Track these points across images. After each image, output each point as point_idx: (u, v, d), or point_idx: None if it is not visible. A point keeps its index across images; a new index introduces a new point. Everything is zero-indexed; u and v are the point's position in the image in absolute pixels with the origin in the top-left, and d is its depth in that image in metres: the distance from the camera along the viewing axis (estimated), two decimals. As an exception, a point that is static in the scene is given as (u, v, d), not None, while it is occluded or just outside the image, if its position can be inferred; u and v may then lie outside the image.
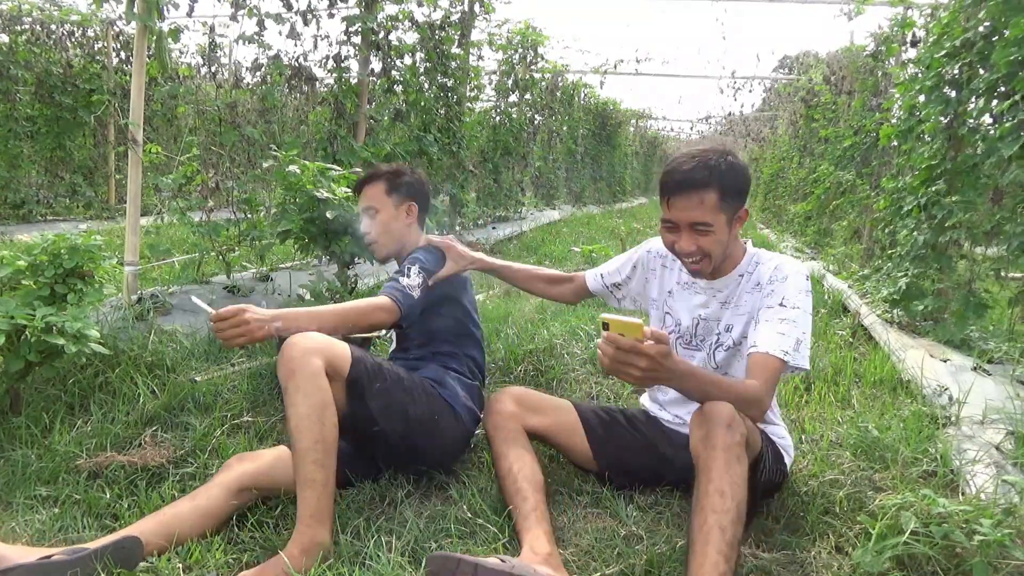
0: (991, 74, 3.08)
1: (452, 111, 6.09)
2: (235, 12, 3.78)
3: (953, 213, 3.46)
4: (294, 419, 1.57)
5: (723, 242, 1.71)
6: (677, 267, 1.95)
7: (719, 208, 1.66)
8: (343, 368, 1.70)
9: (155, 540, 1.54)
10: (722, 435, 1.45)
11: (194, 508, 1.61)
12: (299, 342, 1.64)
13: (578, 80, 11.74)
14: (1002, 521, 1.48)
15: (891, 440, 2.14)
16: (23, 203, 7.00)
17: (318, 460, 1.54)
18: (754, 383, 1.58)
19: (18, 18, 7.07)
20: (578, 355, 3.02)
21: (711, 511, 1.39)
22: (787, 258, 1.81)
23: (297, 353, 1.61)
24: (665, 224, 1.74)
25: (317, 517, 1.52)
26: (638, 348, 1.35)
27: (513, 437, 1.79)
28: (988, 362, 2.97)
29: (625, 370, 1.37)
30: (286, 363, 1.60)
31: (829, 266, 6.10)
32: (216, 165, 3.84)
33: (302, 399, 1.57)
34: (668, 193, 1.69)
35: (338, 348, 1.71)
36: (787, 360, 1.60)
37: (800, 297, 1.69)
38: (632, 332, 1.37)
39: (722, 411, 1.48)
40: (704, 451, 1.46)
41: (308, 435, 1.55)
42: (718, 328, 1.85)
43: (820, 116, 8.14)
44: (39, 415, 2.15)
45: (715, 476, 1.42)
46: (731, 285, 1.84)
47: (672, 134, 24.77)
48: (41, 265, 2.14)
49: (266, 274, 3.97)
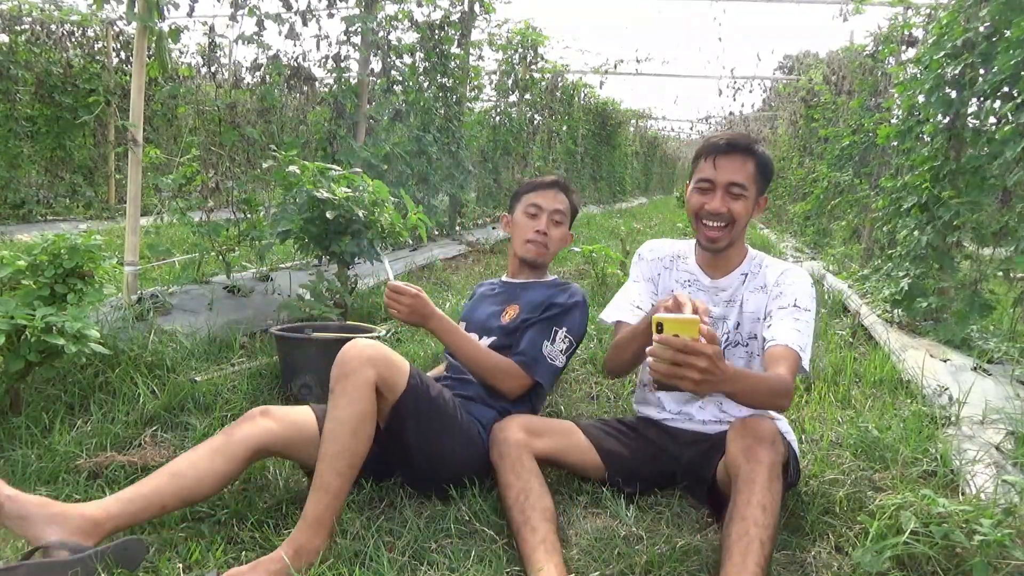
0: (995, 75, 3.08)
1: (452, 111, 6.10)
2: (235, 12, 3.78)
3: (960, 214, 3.46)
4: (330, 423, 1.57)
5: (749, 213, 1.79)
6: (675, 267, 1.96)
7: (754, 179, 1.77)
8: (397, 387, 1.67)
9: (172, 503, 1.54)
10: (767, 453, 1.47)
11: (213, 472, 1.58)
12: (361, 349, 1.61)
13: (578, 80, 11.74)
14: (1002, 521, 1.48)
15: (891, 440, 2.14)
16: (23, 203, 7.00)
17: (339, 469, 1.54)
18: (782, 374, 1.59)
19: (18, 18, 7.07)
20: (578, 355, 3.02)
21: (753, 523, 1.40)
22: (790, 263, 1.85)
23: (354, 359, 1.59)
24: (700, 183, 1.79)
25: (320, 522, 1.51)
26: (697, 348, 1.28)
27: (520, 464, 1.73)
28: (988, 362, 2.96)
29: (684, 374, 1.30)
30: (341, 366, 1.59)
31: (829, 266, 6.10)
32: (216, 165, 3.84)
33: (344, 405, 1.56)
34: (714, 152, 1.77)
35: (397, 364, 1.68)
36: (801, 355, 1.64)
37: (809, 301, 1.76)
38: (688, 331, 1.29)
39: (767, 428, 1.51)
40: (747, 464, 1.47)
41: (338, 442, 1.55)
42: (725, 327, 1.86)
43: (820, 116, 8.14)
44: (39, 415, 2.15)
45: (758, 490, 1.43)
46: (734, 284, 1.86)
47: (672, 134, 24.77)
48: (41, 265, 2.14)
49: (266, 274, 3.97)
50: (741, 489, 1.45)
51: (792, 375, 1.61)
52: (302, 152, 4.02)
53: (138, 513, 1.51)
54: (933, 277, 3.68)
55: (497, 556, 1.56)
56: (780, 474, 1.48)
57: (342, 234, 3.06)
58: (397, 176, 4.84)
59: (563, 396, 2.68)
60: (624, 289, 2.03)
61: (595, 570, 1.54)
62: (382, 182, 3.21)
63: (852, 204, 6.50)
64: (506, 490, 1.69)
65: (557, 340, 1.94)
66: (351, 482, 1.57)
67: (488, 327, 2.07)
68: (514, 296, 2.12)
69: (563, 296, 2.04)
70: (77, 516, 1.43)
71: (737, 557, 1.36)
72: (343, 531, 1.66)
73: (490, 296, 2.21)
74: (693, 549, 1.61)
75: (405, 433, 1.73)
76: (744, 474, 1.47)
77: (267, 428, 1.67)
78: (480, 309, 2.16)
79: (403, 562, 1.55)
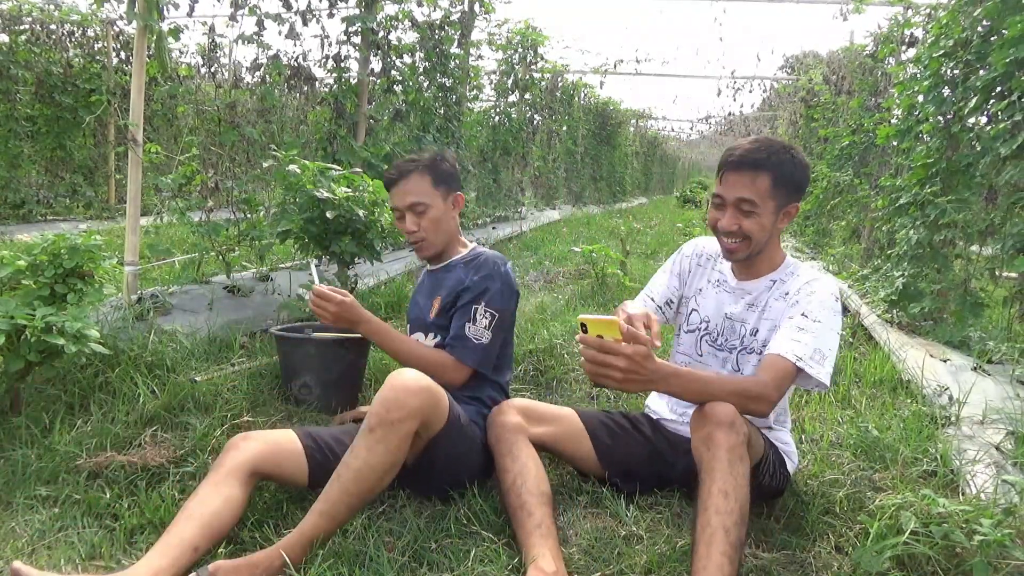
0: (989, 73, 3.08)
1: (451, 111, 6.09)
2: (235, 12, 3.77)
3: (947, 212, 3.47)
4: (360, 462, 1.54)
5: (766, 229, 1.73)
6: (710, 266, 1.95)
7: (770, 194, 1.69)
8: (436, 426, 1.67)
9: (203, 544, 1.50)
10: (724, 436, 1.44)
11: (227, 502, 1.55)
12: (411, 394, 1.56)
13: (578, 80, 11.74)
14: (1002, 521, 1.48)
15: (891, 440, 2.14)
16: (23, 203, 7.00)
17: (353, 506, 1.56)
18: (760, 378, 1.57)
19: (18, 18, 7.06)
20: (578, 355, 3.02)
21: (715, 512, 1.38)
22: (822, 275, 1.80)
23: (402, 408, 1.55)
24: (715, 200, 1.77)
25: (311, 541, 1.51)
26: (615, 348, 1.33)
27: (518, 448, 1.73)
28: (988, 362, 2.97)
29: (605, 372, 1.36)
30: (387, 411, 1.55)
31: (829, 266, 6.10)
32: (216, 165, 3.84)
33: (382, 452, 1.54)
34: (725, 168, 1.72)
35: (441, 407, 1.66)
36: (800, 365, 1.59)
37: (824, 312, 1.68)
38: (610, 332, 1.35)
39: (723, 411, 1.48)
40: (707, 452, 1.46)
41: (363, 484, 1.55)
42: (743, 330, 1.83)
43: (820, 116, 8.14)
44: (39, 415, 2.14)
45: (718, 476, 1.41)
46: (760, 288, 1.83)
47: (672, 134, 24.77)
48: (41, 265, 2.14)
49: (266, 274, 3.97)
50: (703, 479, 1.44)
51: (774, 381, 1.57)
52: (302, 152, 4.02)
53: (175, 564, 1.44)
54: (930, 278, 3.68)
55: (497, 556, 1.56)
56: (744, 456, 1.45)
57: (342, 234, 3.06)
58: (397, 176, 4.83)
59: (563, 396, 2.68)
60: (653, 277, 2.05)
61: (595, 570, 1.54)
62: (382, 182, 3.21)
63: (852, 204, 6.50)
64: (503, 474, 1.69)
65: (478, 318, 1.91)
66: (353, 517, 1.59)
67: (426, 324, 2.06)
68: (437, 286, 2.07)
69: (473, 277, 1.96)
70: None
71: (702, 549, 1.35)
72: (343, 531, 1.66)
73: (420, 291, 2.17)
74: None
75: (435, 463, 1.75)
76: (705, 463, 1.46)
77: (254, 449, 1.65)
78: (415, 306, 2.15)
79: (403, 562, 1.55)
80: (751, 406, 1.55)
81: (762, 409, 1.57)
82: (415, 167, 2.00)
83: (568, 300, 4.23)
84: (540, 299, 4.10)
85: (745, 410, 1.54)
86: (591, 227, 9.33)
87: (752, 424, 1.62)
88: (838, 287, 1.84)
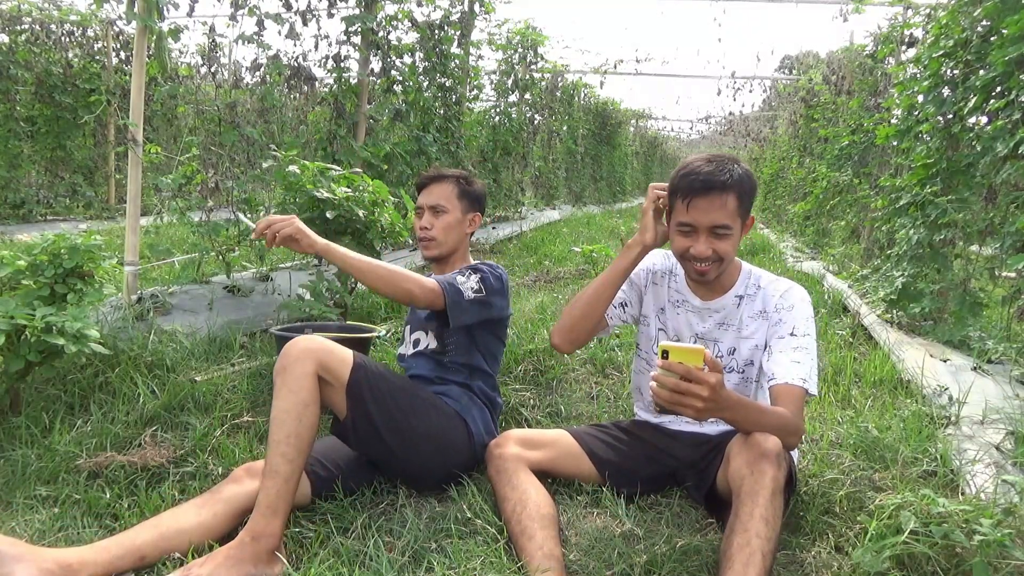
0: (988, 73, 3.08)
1: (451, 111, 6.10)
2: (235, 12, 3.77)
3: (947, 212, 3.47)
4: (274, 411, 1.61)
5: (736, 246, 1.72)
6: (664, 284, 1.94)
7: (738, 212, 1.67)
8: (342, 373, 1.70)
9: (152, 553, 1.50)
10: (772, 469, 1.47)
11: (199, 525, 1.57)
12: (298, 344, 1.66)
13: (578, 80, 11.74)
14: (1002, 521, 1.48)
15: (891, 440, 2.14)
16: (23, 203, 7.00)
17: (286, 454, 1.57)
18: (788, 413, 1.59)
19: (18, 18, 7.07)
20: (578, 355, 3.02)
21: (756, 535, 1.40)
22: (788, 282, 1.81)
23: (293, 354, 1.65)
24: (681, 227, 1.70)
25: (274, 508, 1.53)
26: (701, 377, 1.31)
27: (517, 477, 1.72)
28: (988, 362, 2.97)
29: (687, 401, 1.33)
30: (281, 360, 1.65)
31: (829, 266, 6.10)
32: (216, 165, 3.84)
33: (286, 394, 1.61)
34: (690, 194, 1.65)
35: (337, 353, 1.70)
36: (806, 387, 1.64)
37: (808, 324, 1.74)
38: (693, 360, 1.31)
39: (773, 445, 1.51)
40: (751, 477, 1.47)
41: (283, 428, 1.58)
42: (717, 349, 1.84)
43: (820, 116, 8.14)
44: (39, 415, 2.15)
45: (762, 503, 1.43)
46: (728, 306, 1.83)
47: (672, 134, 24.76)
48: (41, 265, 2.14)
49: (266, 274, 3.97)
50: (745, 501, 1.45)
51: (799, 413, 1.61)
52: (302, 152, 4.02)
53: (114, 561, 1.46)
54: (929, 278, 3.68)
55: (497, 556, 1.56)
56: (782, 490, 1.48)
57: (342, 234, 3.06)
58: (397, 176, 4.83)
59: (563, 396, 2.68)
60: None
61: (595, 570, 1.55)
62: (382, 182, 3.22)
63: (851, 204, 6.50)
64: (503, 503, 1.70)
65: (471, 280, 1.94)
66: (300, 468, 1.60)
67: (426, 323, 2.11)
68: None
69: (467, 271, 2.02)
70: (50, 560, 1.39)
71: (739, 566, 1.37)
72: (343, 530, 1.66)
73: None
74: (693, 549, 1.61)
75: (369, 415, 1.75)
76: (748, 486, 1.47)
77: (253, 490, 1.63)
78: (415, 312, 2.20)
79: (403, 562, 1.55)
80: (789, 440, 1.59)
81: (795, 443, 1.62)
82: (449, 176, 2.16)
83: (568, 300, 4.23)
84: (540, 299, 4.10)
85: (785, 443, 1.57)
86: (591, 227, 9.33)
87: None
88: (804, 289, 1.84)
